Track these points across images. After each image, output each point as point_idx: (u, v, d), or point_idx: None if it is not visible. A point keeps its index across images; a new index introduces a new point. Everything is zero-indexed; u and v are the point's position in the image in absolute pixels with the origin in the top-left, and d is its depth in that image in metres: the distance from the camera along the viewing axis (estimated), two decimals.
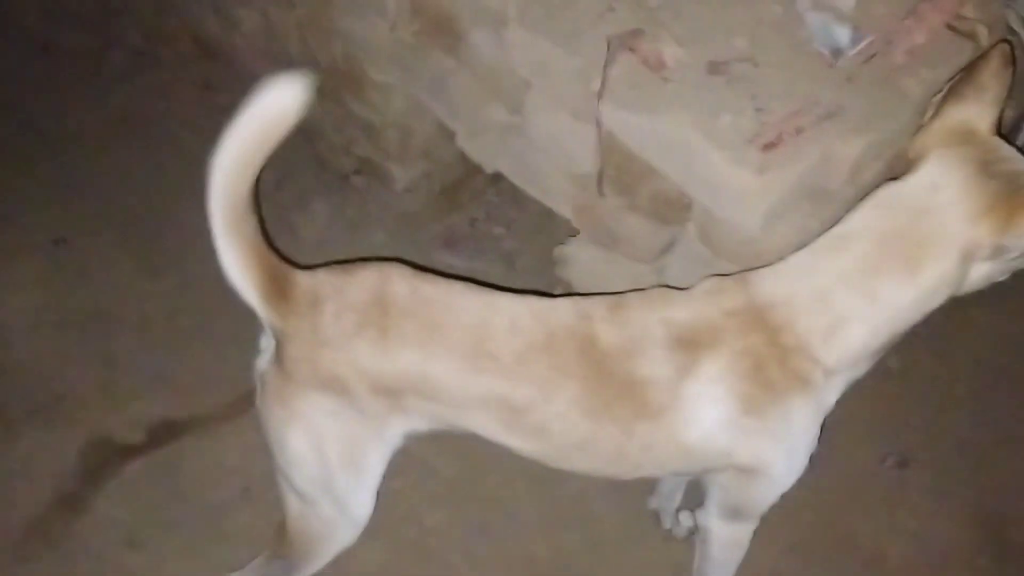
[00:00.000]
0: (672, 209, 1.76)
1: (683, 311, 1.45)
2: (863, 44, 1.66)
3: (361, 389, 1.47)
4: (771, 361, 1.39)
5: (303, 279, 1.48)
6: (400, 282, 1.49)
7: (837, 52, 1.66)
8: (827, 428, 1.80)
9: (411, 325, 1.46)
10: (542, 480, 2.13)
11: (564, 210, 1.99)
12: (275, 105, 1.31)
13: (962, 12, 1.69)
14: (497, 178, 2.28)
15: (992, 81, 1.38)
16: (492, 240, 2.56)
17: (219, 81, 2.78)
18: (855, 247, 1.37)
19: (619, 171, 1.77)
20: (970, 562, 2.13)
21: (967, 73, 1.40)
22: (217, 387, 2.24)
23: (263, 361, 1.56)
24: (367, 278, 1.49)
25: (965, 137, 1.36)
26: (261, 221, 1.41)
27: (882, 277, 1.35)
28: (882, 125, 1.63)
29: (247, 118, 1.31)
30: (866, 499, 2.18)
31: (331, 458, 1.55)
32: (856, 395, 2.15)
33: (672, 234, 1.82)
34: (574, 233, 2.04)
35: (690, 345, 1.41)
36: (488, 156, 2.14)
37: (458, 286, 1.53)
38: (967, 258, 1.32)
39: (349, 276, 1.49)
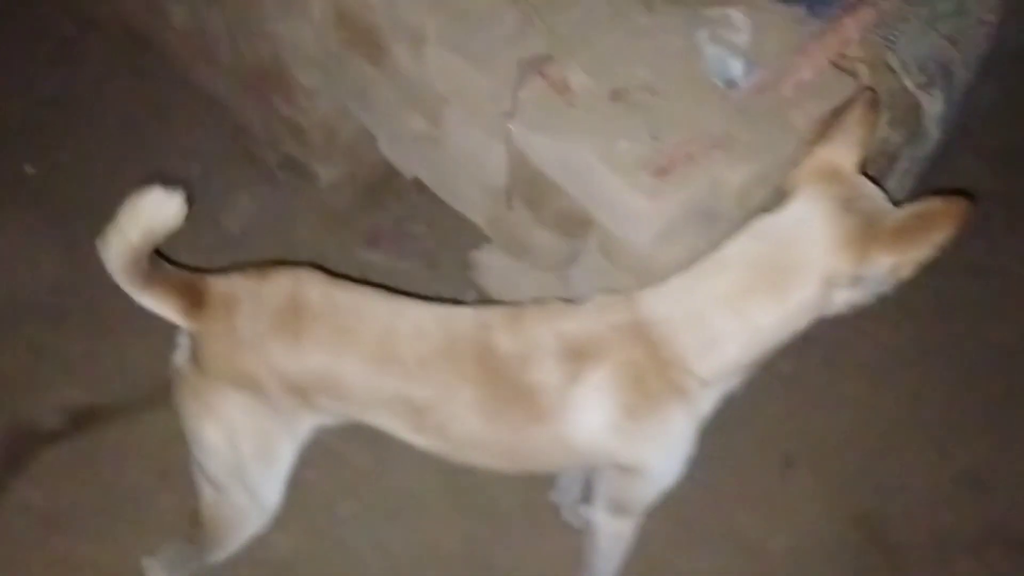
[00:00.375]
0: (575, 225, 1.87)
1: (574, 324, 1.56)
2: (755, 78, 1.77)
3: (273, 387, 1.57)
4: (650, 373, 1.51)
5: (218, 284, 1.58)
6: (313, 287, 1.59)
7: (731, 84, 1.77)
8: (721, 428, 1.92)
9: (322, 328, 1.55)
10: (451, 472, 2.20)
11: (477, 219, 2.09)
12: (152, 219, 1.44)
13: (846, 52, 1.81)
14: (420, 180, 2.36)
15: (857, 125, 1.50)
16: (414, 239, 2.64)
17: (151, 70, 2.82)
18: (728, 273, 1.48)
19: (527, 187, 1.87)
20: (848, 557, 2.27)
21: (835, 117, 1.53)
22: (137, 375, 2.31)
23: (179, 357, 1.65)
24: (282, 283, 1.59)
25: (831, 176, 1.47)
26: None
27: (752, 300, 1.46)
28: (769, 154, 1.74)
29: (129, 221, 1.43)
30: (753, 496, 2.32)
31: (244, 450, 1.65)
32: (749, 398, 2.29)
33: (576, 247, 1.93)
34: (487, 239, 2.15)
35: (578, 355, 1.52)
36: (407, 162, 2.23)
37: (368, 292, 1.63)
38: (829, 285, 1.44)
39: (264, 280, 1.59)
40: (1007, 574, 2.29)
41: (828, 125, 1.52)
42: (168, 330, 1.65)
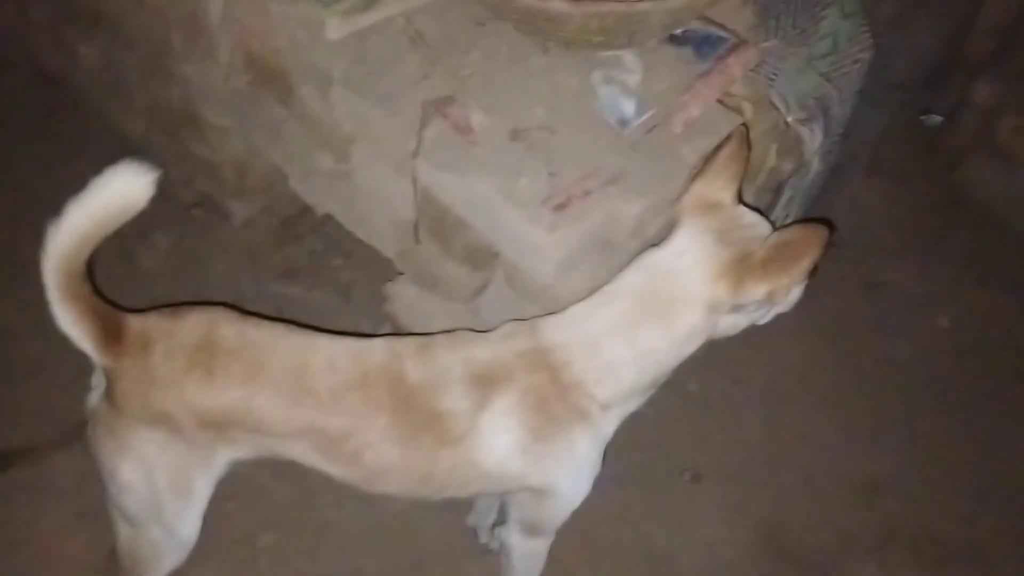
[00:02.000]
0: (482, 257, 1.94)
1: (481, 351, 1.63)
2: (646, 116, 1.86)
3: (188, 424, 1.60)
4: (553, 396, 1.58)
5: (134, 322, 1.61)
6: (227, 325, 1.63)
7: (624, 122, 1.86)
8: (631, 446, 2.01)
9: (237, 365, 1.60)
10: (369, 501, 2.25)
11: (389, 252, 2.15)
12: (121, 196, 1.45)
13: (731, 90, 1.91)
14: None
15: (731, 160, 1.60)
16: (330, 271, 2.68)
17: (62, 110, 2.82)
18: (620, 302, 1.57)
19: (434, 222, 1.94)
20: (756, 566, 2.37)
21: (713, 153, 1.63)
22: (52, 414, 2.29)
23: (94, 397, 1.68)
24: (196, 322, 1.63)
25: (710, 209, 1.57)
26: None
27: (642, 328, 1.55)
28: (661, 188, 1.83)
29: (90, 202, 1.44)
30: (663, 510, 2.40)
31: (159, 486, 1.67)
32: (657, 416, 2.40)
33: (484, 278, 2.00)
34: (400, 272, 2.20)
35: (486, 381, 1.59)
36: (318, 199, 2.28)
37: (281, 328, 1.68)
38: (712, 312, 1.54)
39: (178, 320, 1.63)
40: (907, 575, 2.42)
41: (707, 161, 1.63)
42: (81, 371, 1.68)
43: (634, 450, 2.39)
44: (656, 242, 1.61)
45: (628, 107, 1.87)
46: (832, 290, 2.84)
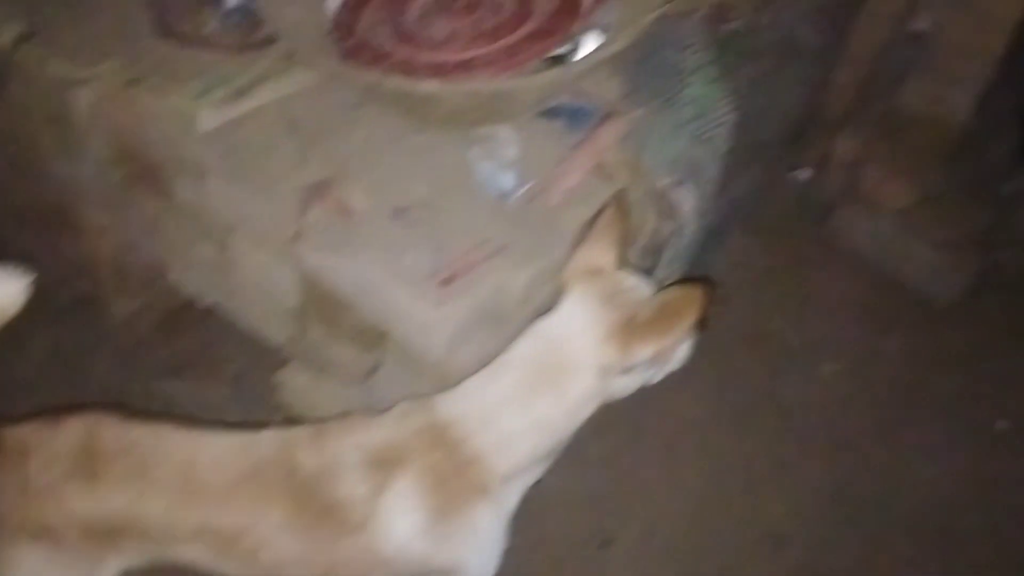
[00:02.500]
0: (371, 338, 1.92)
1: (376, 434, 1.61)
2: (525, 188, 1.89)
3: (73, 535, 1.53)
4: (452, 474, 1.56)
5: (8, 434, 1.55)
6: (108, 428, 1.57)
7: (504, 195, 1.89)
8: (537, 515, 1.98)
9: (120, 468, 1.54)
10: None
11: (277, 340, 2.11)
12: None
13: (605, 158, 1.97)
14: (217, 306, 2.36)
15: (610, 226, 1.65)
16: (218, 364, 2.61)
17: None
18: (511, 373, 1.58)
19: (320, 305, 1.92)
20: None
21: (592, 221, 1.67)
22: None
23: None
24: (74, 427, 1.57)
25: (593, 274, 1.61)
26: None
27: (535, 398, 1.56)
28: (544, 257, 1.86)
29: None
30: None
31: None
32: (561, 483, 2.39)
33: (375, 359, 1.98)
34: (290, 359, 2.17)
35: (382, 465, 1.57)
36: (201, 290, 2.24)
37: (166, 427, 1.63)
38: (604, 375, 1.56)
39: (55, 426, 1.56)
40: None
41: (587, 228, 1.67)
42: None
43: (541, 520, 2.37)
44: (545, 310, 1.63)
45: (507, 180, 1.91)
46: (721, 344, 2.90)
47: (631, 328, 1.53)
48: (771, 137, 2.80)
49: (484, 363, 1.81)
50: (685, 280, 1.67)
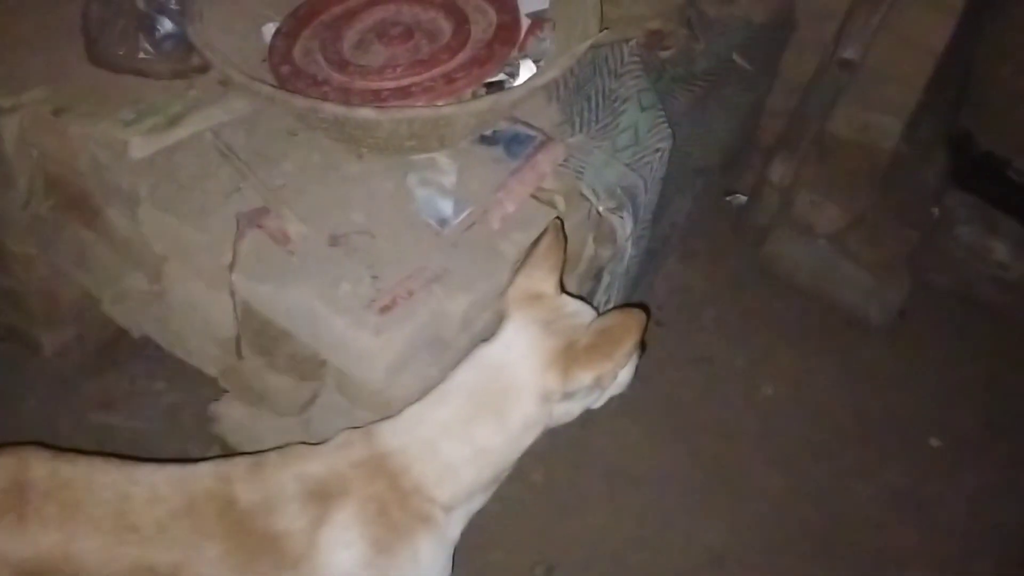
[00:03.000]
0: (308, 367, 1.90)
1: (315, 465, 1.57)
2: (464, 215, 1.88)
3: None
4: (394, 504, 1.54)
5: None
6: (38, 466, 1.52)
7: (442, 222, 1.88)
8: (480, 541, 1.97)
9: (51, 507, 1.49)
10: None
11: (211, 371, 2.07)
12: None
13: (543, 184, 1.97)
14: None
15: (549, 252, 1.66)
16: (153, 396, 2.56)
17: None
18: (452, 401, 1.57)
19: (256, 335, 1.89)
20: None
21: (531, 247, 1.68)
22: None
23: None
24: (3, 464, 1.51)
25: (533, 300, 1.61)
26: None
27: (476, 425, 1.55)
28: (484, 283, 1.85)
29: None
30: None
31: None
32: (504, 510, 2.39)
33: (313, 388, 1.95)
34: (225, 390, 2.13)
35: (322, 496, 1.54)
36: (134, 321, 2.18)
37: (98, 462, 1.58)
38: (545, 402, 1.56)
39: None
40: None
41: (526, 255, 1.67)
42: None
43: (484, 549, 2.36)
44: (486, 336, 1.63)
45: (446, 207, 1.90)
46: (661, 368, 2.94)
47: (571, 354, 1.54)
48: (707, 163, 2.85)
49: (424, 391, 1.80)
50: (623, 305, 1.68)
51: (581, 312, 1.65)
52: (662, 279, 3.09)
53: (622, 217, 2.05)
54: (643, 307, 1.59)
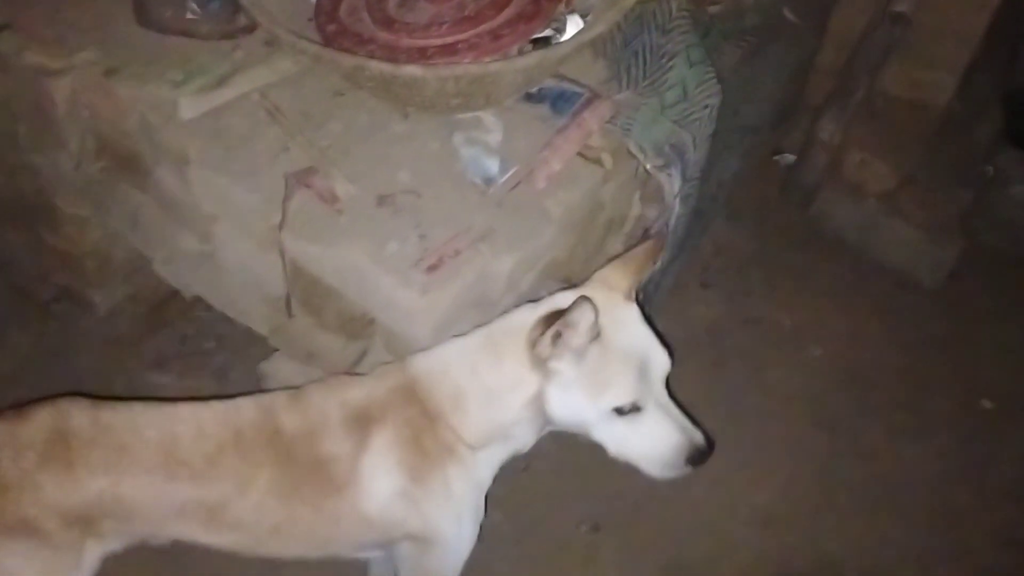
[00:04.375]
0: (357, 326, 1.91)
1: (356, 391, 1.62)
2: (510, 173, 1.88)
3: (51, 525, 1.50)
4: (424, 430, 1.58)
5: None
6: (79, 414, 1.55)
7: (488, 181, 1.88)
8: (528, 499, 1.98)
9: (96, 452, 1.52)
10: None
11: (261, 329, 2.10)
12: None
13: (589, 142, 1.96)
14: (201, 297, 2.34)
15: (641, 258, 1.65)
16: (203, 356, 2.60)
17: None
18: (474, 334, 1.61)
19: (306, 294, 1.91)
20: None
21: (633, 246, 1.70)
22: None
23: None
24: (42, 417, 1.54)
25: (607, 288, 1.60)
26: None
27: (479, 358, 1.58)
28: (530, 242, 1.86)
29: None
30: (564, 564, 2.39)
31: None
32: (549, 469, 2.40)
33: (362, 347, 1.97)
34: (276, 348, 2.15)
35: (363, 421, 1.58)
36: (185, 281, 2.22)
37: (138, 407, 1.61)
38: (536, 365, 1.53)
39: (22, 418, 1.54)
40: None
41: (626, 250, 1.69)
42: None
43: (529, 507, 2.38)
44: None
45: (491, 166, 1.89)
46: (708, 328, 2.92)
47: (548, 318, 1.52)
48: (755, 120, 2.80)
49: None
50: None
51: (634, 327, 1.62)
52: (708, 240, 3.05)
53: (670, 175, 2.02)
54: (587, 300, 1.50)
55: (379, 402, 1.59)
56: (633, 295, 1.63)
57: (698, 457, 1.64)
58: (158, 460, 1.53)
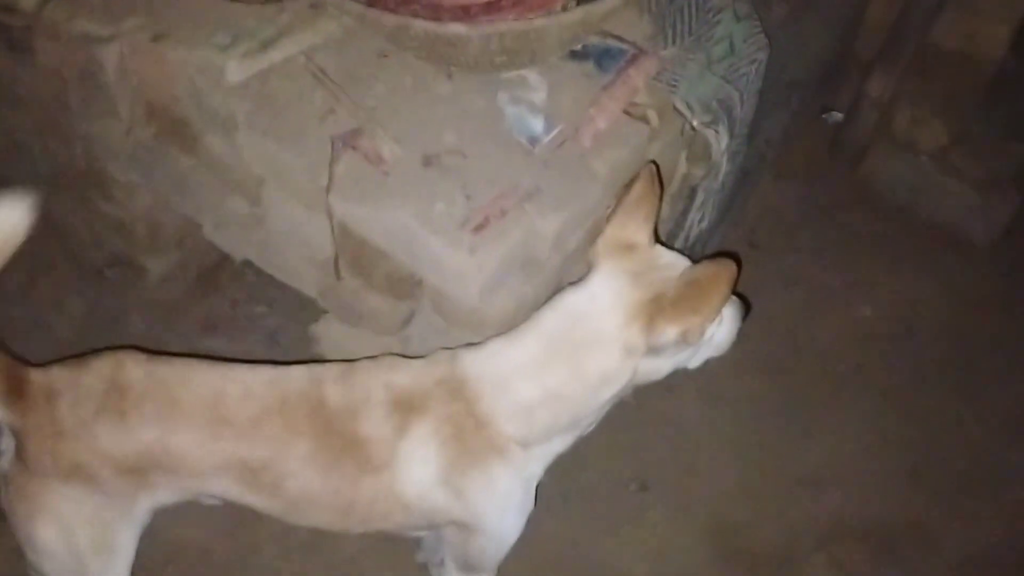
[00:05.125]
0: (405, 286, 1.92)
1: (403, 376, 1.61)
2: (555, 132, 1.87)
3: (105, 473, 1.55)
4: (469, 429, 1.55)
5: (37, 376, 1.56)
6: (134, 367, 1.59)
7: (533, 140, 1.87)
8: (574, 463, 1.99)
9: (149, 404, 1.56)
10: (317, 549, 2.23)
11: (310, 292, 2.12)
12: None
13: (635, 100, 1.94)
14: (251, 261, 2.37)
15: (643, 200, 1.58)
16: (254, 320, 2.64)
17: None
18: (530, 343, 1.54)
19: (354, 256, 1.92)
20: (706, 569, 2.38)
21: (623, 194, 1.61)
22: None
23: (5, 461, 1.61)
24: (101, 367, 1.58)
25: (626, 250, 1.54)
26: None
27: (550, 370, 1.52)
28: (576, 201, 1.85)
29: None
30: (612, 523, 2.41)
31: (81, 546, 1.62)
32: (598, 427, 2.39)
33: (410, 308, 1.98)
34: (325, 311, 2.18)
35: (405, 408, 1.57)
36: (235, 246, 2.24)
37: (193, 363, 1.65)
38: (629, 355, 1.50)
39: (82, 367, 1.58)
40: (855, 565, 2.44)
41: (618, 203, 1.60)
42: None
43: (578, 467, 2.38)
44: (574, 280, 1.60)
45: (536, 125, 1.88)
46: (756, 290, 2.87)
47: (657, 306, 1.47)
48: (803, 77, 2.76)
49: (519, 310, 1.82)
50: (717, 254, 1.60)
51: (675, 264, 1.57)
52: (755, 199, 3.02)
53: (717, 132, 2.00)
54: (734, 257, 1.50)
55: (423, 392, 1.57)
56: (654, 238, 1.60)
57: (746, 315, 1.75)
58: (205, 415, 1.56)
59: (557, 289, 1.99)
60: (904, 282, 2.99)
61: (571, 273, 2.03)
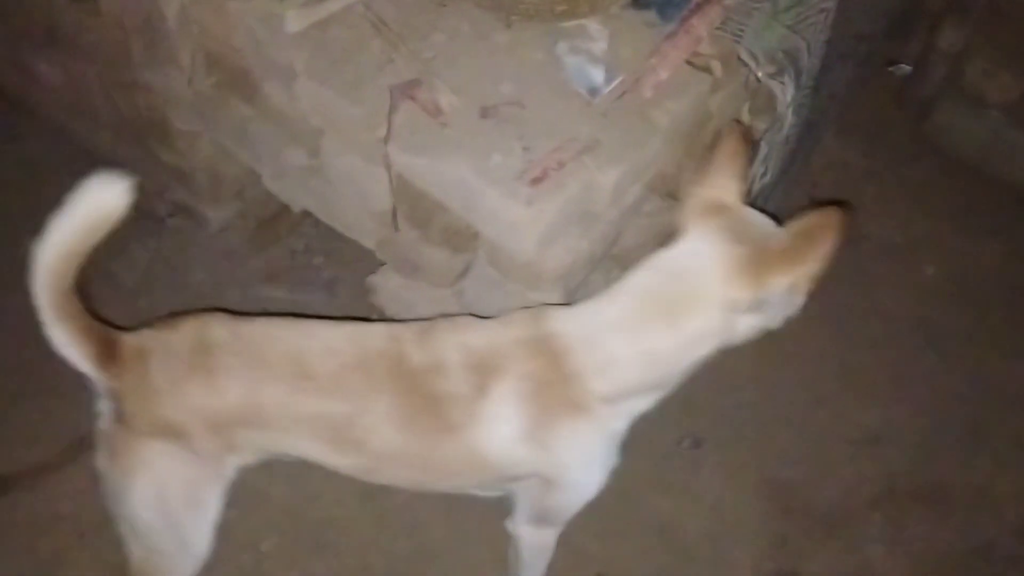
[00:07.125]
0: (462, 239, 1.92)
1: (480, 337, 1.62)
2: (615, 83, 1.84)
3: (197, 430, 1.60)
4: (552, 386, 1.56)
5: (128, 339, 1.62)
6: (219, 326, 1.64)
7: (593, 91, 1.84)
8: None
9: (235, 361, 1.60)
10: (371, 496, 2.26)
11: (368, 243, 2.13)
12: (98, 206, 1.46)
13: (698, 50, 1.90)
14: (310, 212, 2.39)
15: (731, 159, 1.56)
16: (312, 270, 2.66)
17: (24, 132, 2.78)
18: (625, 301, 1.54)
19: (411, 207, 1.92)
20: (762, 527, 2.38)
21: (711, 154, 1.59)
22: (43, 439, 2.29)
23: (103, 423, 1.67)
24: (188, 328, 1.64)
25: (717, 210, 1.53)
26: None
27: (646, 327, 1.52)
28: (635, 154, 1.82)
29: (70, 216, 1.44)
30: (666, 479, 2.41)
31: (173, 501, 1.68)
32: None
33: (466, 260, 1.98)
34: (382, 262, 2.19)
35: (483, 367, 1.58)
36: (294, 196, 2.26)
37: (276, 320, 1.70)
38: (730, 312, 1.48)
39: (171, 329, 1.64)
40: (910, 524, 2.42)
41: (707, 163, 1.58)
42: (68, 393, 1.67)
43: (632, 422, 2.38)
44: (663, 242, 1.58)
45: (596, 75, 1.85)
46: None
47: (764, 259, 1.45)
48: (870, 28, 2.68)
49: (573, 264, 1.81)
50: (825, 203, 1.57)
51: (765, 221, 1.56)
52: (819, 154, 2.95)
53: (782, 83, 1.96)
54: (841, 205, 1.48)
55: (500, 351, 1.58)
56: (743, 198, 1.58)
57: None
58: (288, 371, 1.59)
59: (614, 243, 2.00)
60: (970, 241, 2.91)
61: (628, 227, 2.02)
